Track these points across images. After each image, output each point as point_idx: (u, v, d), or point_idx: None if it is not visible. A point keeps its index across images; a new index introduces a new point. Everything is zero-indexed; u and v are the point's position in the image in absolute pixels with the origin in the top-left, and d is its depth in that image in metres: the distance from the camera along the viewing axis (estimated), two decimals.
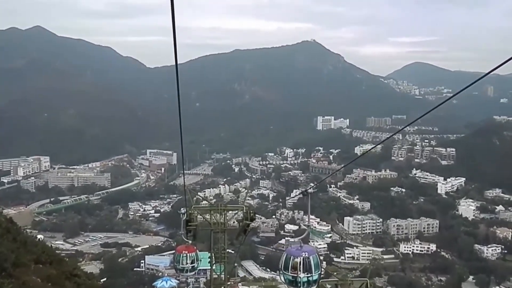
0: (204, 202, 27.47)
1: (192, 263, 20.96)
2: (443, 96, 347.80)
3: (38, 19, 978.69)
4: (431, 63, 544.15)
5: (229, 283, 23.99)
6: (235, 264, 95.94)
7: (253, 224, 21.89)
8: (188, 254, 20.96)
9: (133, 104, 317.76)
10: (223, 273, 21.53)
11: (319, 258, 15.71)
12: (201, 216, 21.35)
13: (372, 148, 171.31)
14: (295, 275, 15.03)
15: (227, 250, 21.39)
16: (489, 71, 8.66)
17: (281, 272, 15.69)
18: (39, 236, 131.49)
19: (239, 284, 27.83)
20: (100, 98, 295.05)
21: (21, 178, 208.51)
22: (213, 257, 20.95)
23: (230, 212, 21.83)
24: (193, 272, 22.01)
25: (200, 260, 21.51)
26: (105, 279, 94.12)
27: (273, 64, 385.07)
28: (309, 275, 15.03)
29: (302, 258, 14.95)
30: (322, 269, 16.02)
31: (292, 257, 15.16)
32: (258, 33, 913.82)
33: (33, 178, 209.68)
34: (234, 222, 22.21)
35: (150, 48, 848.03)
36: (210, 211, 21.37)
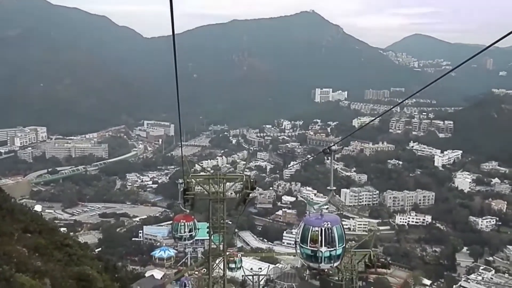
0: (202, 173, 27.08)
1: (190, 231, 21.03)
2: (442, 69, 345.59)
3: None
4: (431, 35, 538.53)
5: (228, 252, 23.91)
6: (236, 231, 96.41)
7: (253, 193, 21.37)
8: (186, 223, 21.00)
9: (130, 74, 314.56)
10: (221, 243, 21.37)
11: (343, 228, 13.60)
12: (199, 187, 21.06)
13: (371, 121, 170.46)
14: (315, 249, 12.99)
15: (226, 220, 21.15)
16: (489, 44, 8.33)
17: (298, 244, 13.56)
18: (36, 207, 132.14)
19: (239, 254, 27.55)
20: (96, 68, 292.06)
21: (18, 148, 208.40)
22: (212, 227, 20.72)
23: (228, 183, 21.50)
24: (191, 241, 22.04)
25: (198, 229, 21.48)
26: (99, 249, 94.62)
27: (272, 35, 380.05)
28: (331, 249, 12.99)
29: (323, 228, 12.90)
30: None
31: (311, 227, 13.07)
32: (256, 2, 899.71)
33: (30, 148, 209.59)
34: (231, 193, 21.89)
35: (147, 17, 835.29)
36: (208, 180, 20.96)
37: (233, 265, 24.43)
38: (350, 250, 19.66)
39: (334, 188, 14.75)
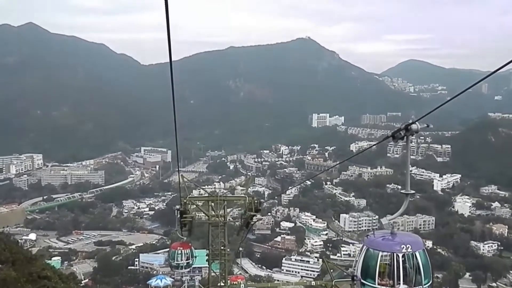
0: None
1: (187, 259, 19.96)
2: (438, 94, 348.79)
3: (31, 15, 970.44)
4: (425, 61, 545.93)
5: (229, 277, 22.39)
6: (240, 251, 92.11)
7: (258, 216, 19.91)
8: (183, 251, 19.90)
9: (127, 101, 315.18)
10: (222, 272, 19.86)
11: (427, 255, 9.18)
12: (197, 212, 19.90)
13: (371, 146, 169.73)
14: (389, 286, 8.67)
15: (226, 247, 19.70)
16: (491, 72, 7.80)
17: (358, 281, 9.11)
18: (31, 235, 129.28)
19: (242, 285, 24.73)
20: (94, 96, 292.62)
21: (13, 176, 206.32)
22: (211, 254, 19.33)
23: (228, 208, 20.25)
24: (188, 269, 20.95)
25: (195, 257, 20.40)
26: (86, 280, 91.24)
27: (268, 61, 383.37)
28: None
29: (400, 255, 8.65)
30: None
31: (379, 254, 8.88)
32: (252, 30, 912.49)
33: (25, 175, 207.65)
34: (229, 219, 20.54)
35: (144, 45, 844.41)
36: (208, 202, 19.67)
37: None
38: None
39: (413, 192, 10.34)
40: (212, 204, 19.67)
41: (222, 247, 19.15)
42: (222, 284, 19.45)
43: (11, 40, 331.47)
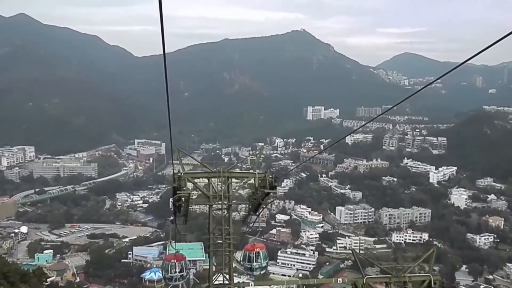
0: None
1: (180, 271, 18.28)
2: (432, 87, 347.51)
3: (23, 6, 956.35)
4: (420, 54, 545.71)
5: (248, 245, 19.55)
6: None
7: (274, 192, 16.44)
8: (176, 263, 18.23)
9: (121, 93, 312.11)
10: (225, 268, 17.46)
11: None
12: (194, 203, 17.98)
13: (353, 132, 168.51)
14: None
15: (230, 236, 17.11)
16: (467, 58, 8.79)
17: None
18: (22, 228, 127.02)
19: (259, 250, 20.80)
20: (87, 87, 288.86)
21: (4, 168, 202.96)
22: (212, 245, 16.98)
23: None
24: (182, 281, 19.32)
25: (189, 269, 18.80)
26: (53, 277, 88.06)
27: (263, 54, 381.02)
28: None
29: None
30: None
31: None
32: (246, 23, 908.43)
33: (17, 168, 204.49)
34: (234, 201, 18.06)
35: (138, 37, 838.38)
36: (208, 180, 17.08)
37: (255, 264, 18.55)
38: (403, 274, 16.15)
39: None
40: (213, 182, 17.27)
41: (226, 236, 16.88)
42: (226, 281, 17.03)
43: (2, 31, 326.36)
